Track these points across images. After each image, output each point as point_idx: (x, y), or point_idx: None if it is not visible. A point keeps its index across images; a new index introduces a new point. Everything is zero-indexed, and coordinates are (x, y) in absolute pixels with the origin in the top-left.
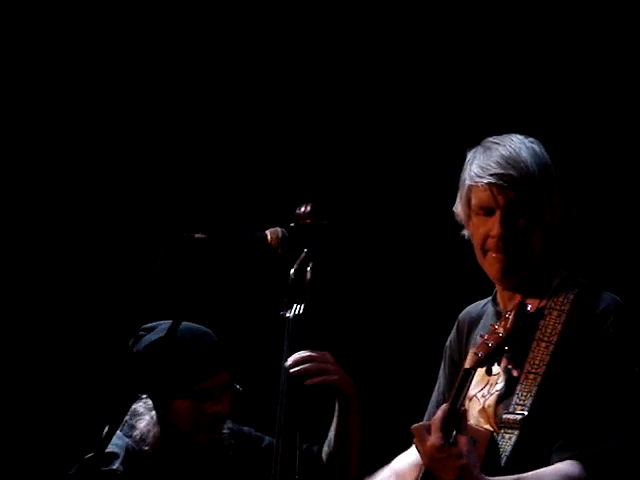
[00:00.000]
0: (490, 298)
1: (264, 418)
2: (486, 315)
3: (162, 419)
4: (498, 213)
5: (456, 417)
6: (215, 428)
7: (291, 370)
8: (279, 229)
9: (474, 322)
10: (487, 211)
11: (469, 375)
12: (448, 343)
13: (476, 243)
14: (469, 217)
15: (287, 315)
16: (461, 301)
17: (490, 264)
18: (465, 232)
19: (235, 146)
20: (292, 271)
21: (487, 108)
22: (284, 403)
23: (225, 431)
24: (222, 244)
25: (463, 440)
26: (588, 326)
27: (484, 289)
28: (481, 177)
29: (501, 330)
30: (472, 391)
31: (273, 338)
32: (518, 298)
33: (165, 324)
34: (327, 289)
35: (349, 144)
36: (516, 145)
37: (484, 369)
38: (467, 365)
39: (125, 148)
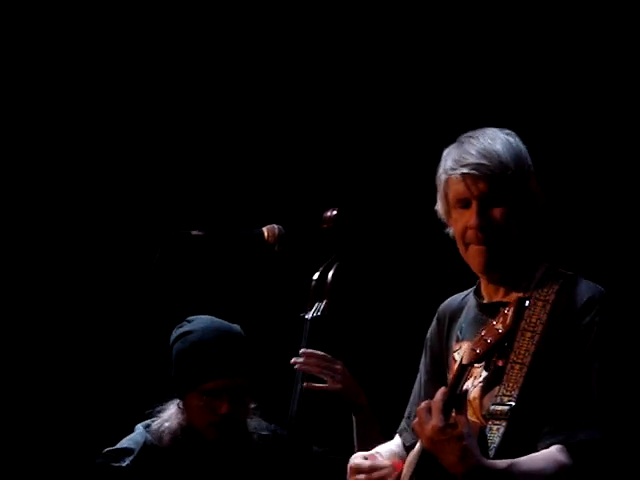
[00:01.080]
0: (471, 290)
1: (278, 418)
2: (468, 307)
3: (182, 413)
4: (474, 204)
5: (457, 400)
6: (224, 429)
7: (295, 361)
8: (276, 226)
9: (455, 314)
10: (464, 203)
11: (465, 371)
12: (429, 335)
13: (457, 237)
14: (448, 212)
15: (306, 316)
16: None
17: (473, 257)
18: (449, 230)
19: (232, 143)
20: (316, 274)
21: (485, 109)
22: (295, 409)
23: (265, 432)
24: (219, 241)
25: (462, 421)
26: (574, 316)
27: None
28: (455, 169)
29: (500, 327)
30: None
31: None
32: (502, 290)
33: (196, 320)
34: (348, 293)
35: (343, 139)
36: (490, 137)
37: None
38: (465, 361)
39: (122, 146)
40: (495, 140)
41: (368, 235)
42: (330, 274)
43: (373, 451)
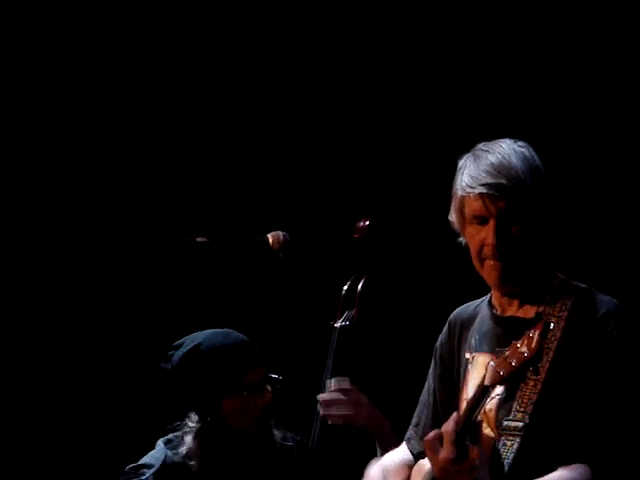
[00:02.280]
0: (484, 300)
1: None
2: (481, 318)
3: (209, 428)
4: (492, 222)
5: (469, 429)
6: (267, 421)
7: (320, 399)
8: (281, 233)
9: (466, 323)
10: (481, 220)
11: (487, 392)
12: (439, 343)
13: (473, 252)
14: (464, 227)
15: (335, 325)
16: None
17: (488, 272)
18: (462, 239)
19: (237, 150)
20: (347, 284)
21: (489, 115)
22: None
23: (289, 443)
24: (224, 248)
25: (475, 452)
26: (589, 331)
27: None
28: (472, 187)
29: (525, 349)
30: (471, 393)
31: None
32: (516, 302)
33: (190, 337)
34: (377, 303)
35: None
36: (505, 152)
37: (482, 373)
38: (487, 382)
39: (127, 152)
40: (511, 155)
41: (399, 246)
42: (361, 284)
43: (382, 461)
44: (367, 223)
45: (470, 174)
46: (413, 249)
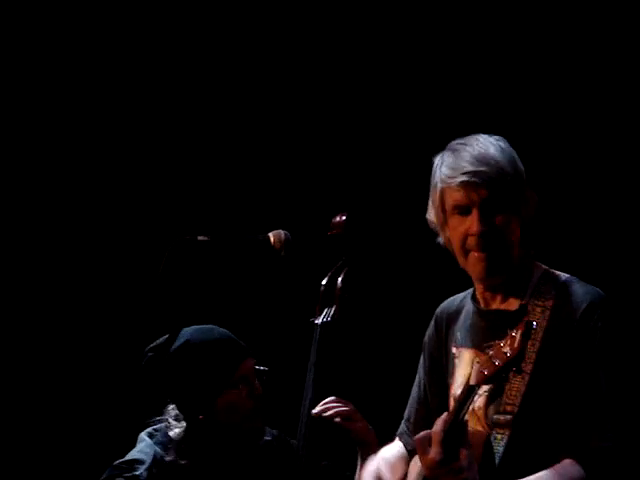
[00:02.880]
0: (468, 293)
1: (289, 423)
2: (466, 312)
3: (195, 429)
4: (475, 211)
5: (457, 430)
6: (259, 414)
7: (315, 412)
8: (282, 231)
9: (452, 317)
10: (463, 210)
11: (473, 392)
12: (427, 338)
13: (456, 244)
14: (445, 221)
15: (316, 322)
16: None
17: (473, 264)
18: (440, 239)
19: (238, 148)
20: (325, 280)
21: (463, 108)
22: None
23: (268, 437)
24: (225, 246)
25: (464, 454)
26: (575, 321)
27: None
28: (453, 177)
29: (508, 349)
30: (458, 390)
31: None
32: (500, 296)
33: (165, 337)
34: (357, 298)
35: (351, 145)
36: (483, 144)
37: (468, 369)
38: (472, 382)
39: (129, 151)
40: (489, 146)
41: (376, 240)
42: (339, 279)
43: (379, 456)
44: (344, 218)
45: (449, 166)
46: (392, 242)
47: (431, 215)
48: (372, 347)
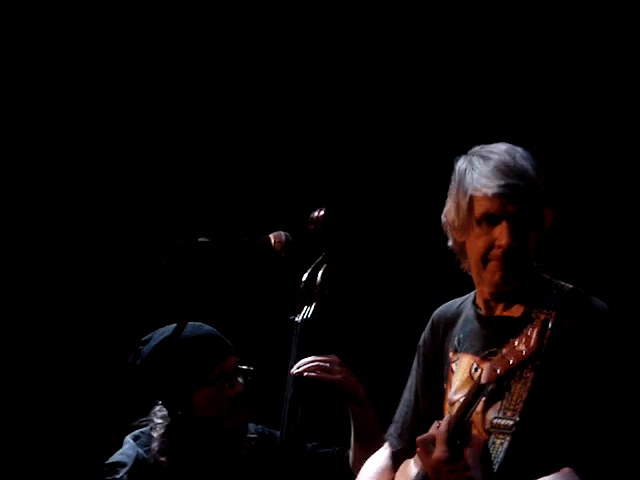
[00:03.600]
0: (467, 298)
1: (272, 421)
2: (465, 317)
3: (176, 426)
4: (505, 223)
5: (462, 429)
6: (239, 412)
7: (293, 371)
8: (282, 233)
9: (450, 322)
10: (492, 220)
11: (482, 391)
12: (422, 342)
13: (477, 252)
14: (470, 227)
15: (296, 319)
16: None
17: (492, 273)
18: (450, 241)
19: (238, 150)
20: (305, 276)
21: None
22: (288, 410)
23: (251, 435)
24: (225, 248)
25: (468, 453)
26: (578, 332)
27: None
28: (488, 187)
29: (523, 347)
30: (455, 396)
31: (279, 341)
32: (503, 303)
33: (159, 331)
34: (338, 294)
35: (354, 147)
36: (511, 153)
37: (466, 375)
38: (483, 380)
39: (128, 152)
40: (520, 159)
41: (356, 235)
42: (319, 275)
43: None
44: (322, 213)
45: (484, 174)
46: (372, 237)
47: (451, 217)
48: (353, 344)
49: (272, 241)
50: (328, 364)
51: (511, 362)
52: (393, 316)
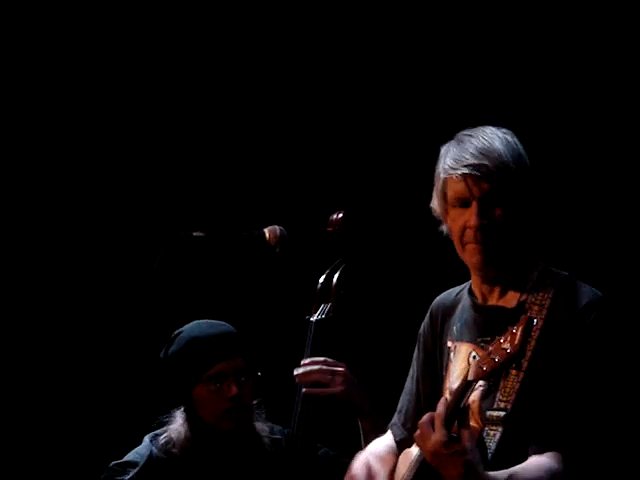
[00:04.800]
0: (464, 287)
1: (283, 420)
2: (462, 306)
3: (189, 417)
4: (474, 204)
5: (459, 413)
6: (237, 414)
7: (296, 374)
8: (277, 227)
9: (448, 311)
10: (463, 202)
11: (470, 387)
12: (421, 331)
13: (455, 236)
14: (446, 211)
15: (311, 319)
16: None
17: (470, 255)
18: (443, 227)
19: (233, 144)
20: (322, 278)
21: (485, 109)
22: (299, 411)
23: (277, 436)
24: (220, 242)
25: (466, 435)
26: (571, 321)
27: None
28: (455, 169)
29: (508, 346)
30: (454, 384)
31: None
32: (497, 291)
33: (172, 335)
34: (353, 296)
35: (342, 140)
36: (489, 136)
37: (465, 363)
38: (470, 377)
39: (123, 146)
40: (494, 139)
41: (374, 238)
42: (336, 277)
43: (367, 450)
44: (341, 215)
45: (453, 157)
46: (389, 240)
47: (434, 204)
48: (367, 345)
49: (267, 236)
50: (330, 375)
51: (497, 360)
52: (406, 318)
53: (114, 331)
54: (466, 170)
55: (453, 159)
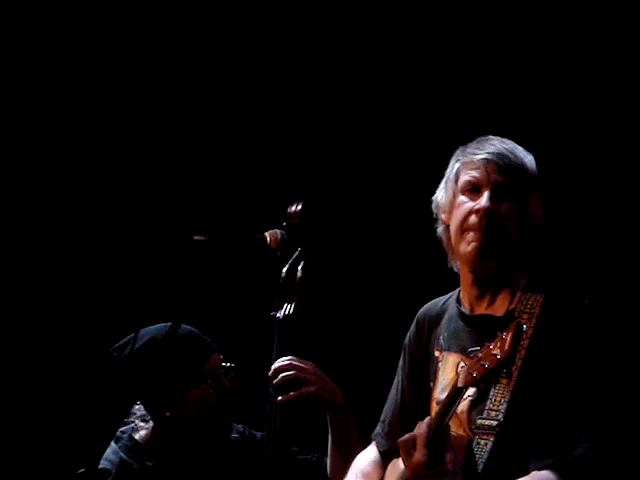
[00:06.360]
0: (451, 296)
1: (256, 418)
2: (449, 315)
3: (162, 428)
4: (487, 190)
5: (442, 433)
6: (228, 409)
7: (274, 381)
8: (278, 231)
9: (435, 321)
10: (475, 187)
11: (460, 394)
12: (407, 340)
13: (457, 223)
14: (454, 195)
15: (277, 315)
16: None
17: (467, 243)
18: (439, 229)
19: (233, 149)
20: (284, 271)
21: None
22: (272, 410)
23: (235, 435)
24: (221, 246)
25: (449, 458)
26: (560, 330)
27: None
28: (477, 154)
29: (498, 352)
30: (442, 395)
31: (265, 339)
32: (486, 300)
33: (142, 332)
34: (318, 289)
35: (342, 145)
36: (509, 142)
37: (453, 373)
38: (460, 384)
39: (124, 151)
40: (515, 145)
41: (334, 229)
42: (299, 271)
43: (353, 468)
44: (299, 207)
45: (476, 146)
46: (351, 231)
47: (440, 195)
48: (336, 340)
49: (268, 239)
50: (304, 374)
51: (487, 366)
52: (374, 312)
53: (115, 334)
54: (489, 156)
55: (476, 147)
